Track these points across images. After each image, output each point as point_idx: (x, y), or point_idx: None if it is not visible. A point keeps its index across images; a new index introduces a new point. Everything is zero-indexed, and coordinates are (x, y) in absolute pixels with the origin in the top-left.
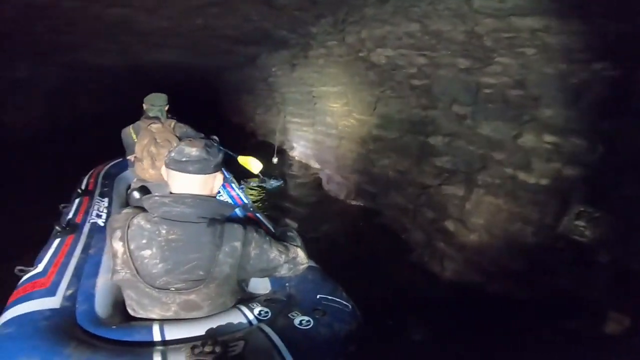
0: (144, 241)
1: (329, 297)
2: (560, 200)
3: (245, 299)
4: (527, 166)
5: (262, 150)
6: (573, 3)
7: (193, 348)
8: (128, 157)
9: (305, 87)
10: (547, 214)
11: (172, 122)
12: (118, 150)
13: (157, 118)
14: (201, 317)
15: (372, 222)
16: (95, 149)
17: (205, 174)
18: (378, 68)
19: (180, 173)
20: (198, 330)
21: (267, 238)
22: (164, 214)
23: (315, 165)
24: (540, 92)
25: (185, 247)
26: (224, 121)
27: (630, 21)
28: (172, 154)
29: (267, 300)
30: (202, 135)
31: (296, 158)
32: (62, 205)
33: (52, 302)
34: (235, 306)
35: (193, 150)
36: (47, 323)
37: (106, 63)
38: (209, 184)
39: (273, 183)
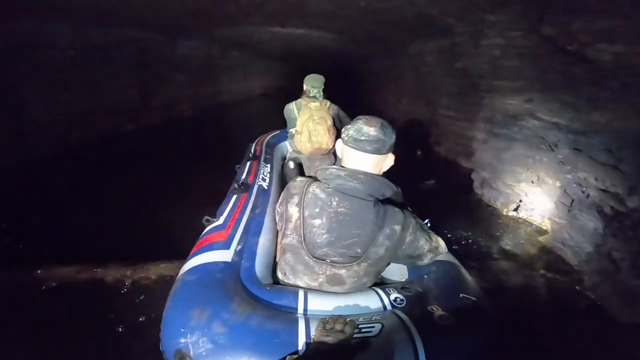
0: (317, 210)
1: (472, 298)
2: None
3: (381, 283)
4: None
5: (404, 140)
6: None
7: (325, 323)
8: (290, 130)
9: (470, 79)
10: None
11: (328, 103)
12: (278, 123)
13: (315, 97)
14: (341, 293)
15: (537, 241)
16: (261, 122)
17: (380, 154)
18: (589, 65)
19: (357, 151)
20: (337, 305)
21: (419, 225)
22: (338, 186)
23: (465, 164)
24: None
25: (351, 221)
26: (364, 108)
27: None
28: (351, 132)
29: (403, 288)
30: (349, 118)
31: (442, 154)
32: (237, 166)
33: (227, 255)
34: (372, 288)
35: (372, 130)
36: (220, 276)
37: (266, 43)
38: (381, 163)
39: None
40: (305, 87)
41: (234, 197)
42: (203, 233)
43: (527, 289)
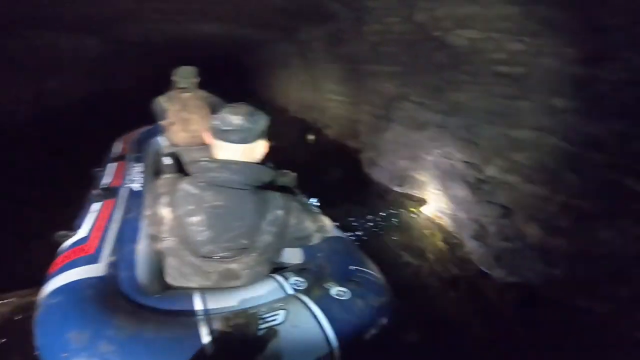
0: (191, 207)
1: (362, 269)
2: None
3: (278, 268)
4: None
5: (296, 126)
6: None
7: (227, 320)
8: (161, 123)
9: (353, 64)
10: None
11: (203, 92)
12: (150, 119)
13: (186, 89)
14: (240, 287)
15: (420, 212)
16: (129, 119)
17: (247, 143)
18: (450, 50)
19: (223, 142)
20: (238, 299)
21: (302, 207)
22: (210, 179)
23: (354, 145)
24: None
25: (230, 214)
26: (253, 96)
27: None
28: (216, 122)
29: (300, 270)
30: None
31: (331, 137)
32: (97, 169)
33: (96, 270)
34: (270, 276)
35: (236, 118)
36: (93, 292)
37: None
38: (253, 151)
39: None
40: (174, 79)
41: (97, 204)
42: (60, 250)
43: (416, 256)
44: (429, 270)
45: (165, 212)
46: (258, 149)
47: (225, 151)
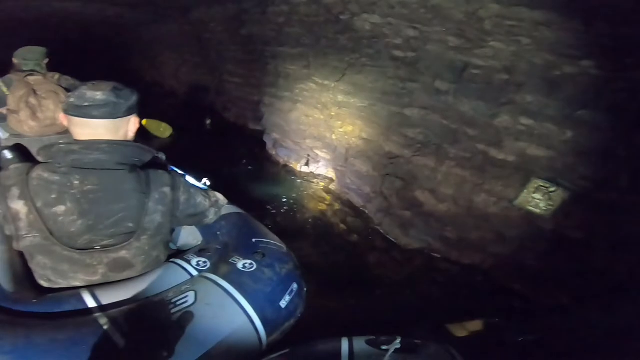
0: (54, 196)
1: (264, 240)
2: (523, 176)
3: (177, 254)
4: (498, 144)
5: (189, 109)
6: (580, 6)
7: (133, 311)
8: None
9: (255, 45)
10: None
11: (57, 75)
12: None
13: (34, 71)
14: (136, 277)
15: (327, 189)
16: None
17: (114, 118)
18: (354, 34)
19: (82, 119)
20: (135, 289)
21: (190, 183)
22: (74, 162)
23: (255, 127)
24: (525, 79)
25: (107, 197)
26: (136, 79)
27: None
28: (71, 99)
29: (201, 251)
30: None
31: (231, 120)
32: None
33: None
34: (170, 261)
35: (98, 94)
36: None
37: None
38: (122, 128)
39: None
40: (15, 61)
41: None
42: None
43: (327, 232)
44: (341, 242)
45: (19, 206)
46: (129, 125)
47: (86, 128)
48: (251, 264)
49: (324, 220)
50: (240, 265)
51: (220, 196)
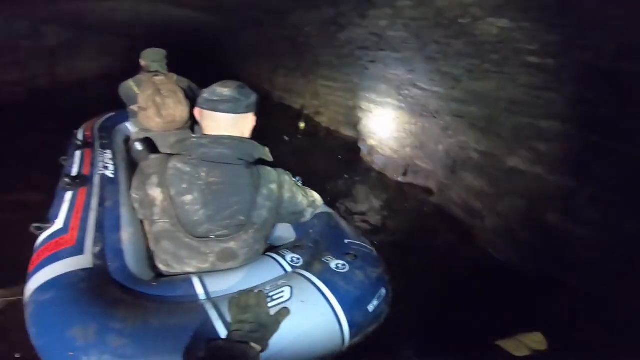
0: (185, 185)
1: (356, 242)
2: None
3: (272, 247)
4: None
5: (282, 112)
6: None
7: (237, 301)
8: (131, 108)
9: (353, 49)
10: None
11: (175, 76)
12: (116, 106)
13: (158, 72)
14: (238, 268)
15: (426, 201)
16: (96, 106)
17: (236, 113)
18: (472, 39)
19: (211, 112)
20: (238, 280)
21: (293, 182)
22: (202, 155)
23: (348, 133)
24: None
25: (227, 190)
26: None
27: None
28: (205, 94)
29: (295, 247)
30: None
31: (323, 124)
32: (63, 158)
33: (83, 261)
34: (266, 254)
35: (225, 90)
36: (86, 285)
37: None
38: (240, 124)
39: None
40: (143, 62)
41: (69, 193)
42: (38, 243)
43: (422, 244)
44: (438, 258)
45: (157, 193)
46: (247, 122)
47: (212, 121)
48: (344, 264)
49: (419, 232)
50: (333, 265)
51: (317, 196)
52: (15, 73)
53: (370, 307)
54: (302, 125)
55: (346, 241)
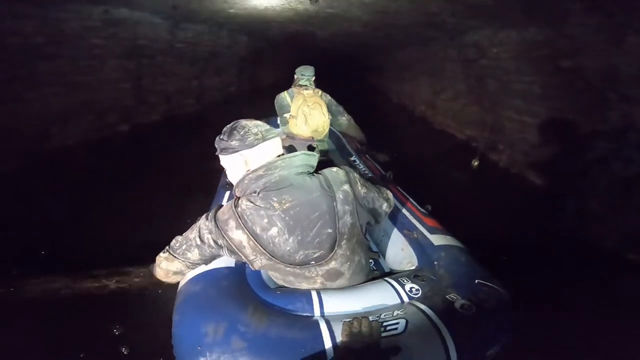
0: (265, 221)
1: (488, 283)
2: None
3: (390, 273)
4: None
5: (443, 140)
6: None
7: (350, 326)
8: (284, 115)
9: (581, 81)
10: None
11: (320, 91)
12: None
13: (307, 86)
14: (355, 288)
15: None
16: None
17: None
18: None
19: (251, 149)
20: (353, 302)
21: (361, 176)
22: (265, 185)
23: (535, 180)
24: None
25: (304, 209)
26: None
27: None
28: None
29: (416, 277)
30: (341, 107)
31: (501, 165)
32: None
33: (228, 260)
34: (384, 280)
35: (248, 124)
36: (227, 283)
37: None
38: (276, 146)
39: None
40: (296, 76)
41: (227, 193)
42: None
43: None
44: None
45: (240, 236)
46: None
47: (258, 153)
48: (470, 306)
49: None
50: (457, 305)
51: (389, 192)
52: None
53: (487, 354)
54: (475, 162)
55: (476, 281)
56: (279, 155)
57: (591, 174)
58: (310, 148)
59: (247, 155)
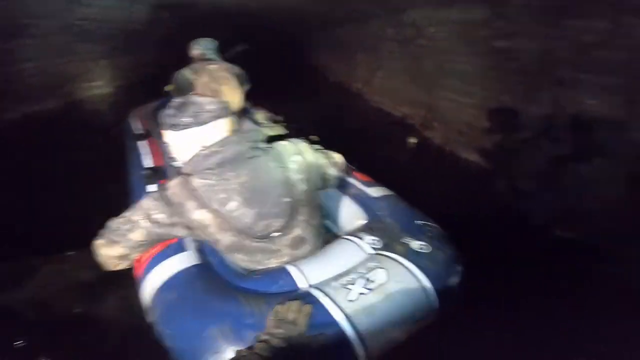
0: (223, 196)
1: (427, 223)
2: None
3: (348, 232)
4: None
5: (380, 118)
6: None
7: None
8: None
9: (512, 63)
10: None
11: (226, 63)
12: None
13: (212, 60)
14: (327, 254)
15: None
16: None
17: (224, 117)
18: None
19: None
20: (332, 266)
21: (309, 146)
22: (221, 161)
23: (469, 157)
24: None
25: (260, 182)
26: (321, 78)
27: None
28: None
29: (370, 230)
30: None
31: (437, 142)
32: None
33: (191, 258)
34: (345, 238)
35: (202, 100)
36: (205, 282)
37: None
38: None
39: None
40: (196, 52)
41: (152, 187)
42: None
43: None
44: None
45: (203, 215)
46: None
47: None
48: (425, 245)
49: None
50: (415, 247)
51: (336, 155)
52: None
53: (453, 284)
54: (412, 140)
55: (416, 222)
56: (233, 130)
57: (522, 154)
58: None
59: (199, 132)
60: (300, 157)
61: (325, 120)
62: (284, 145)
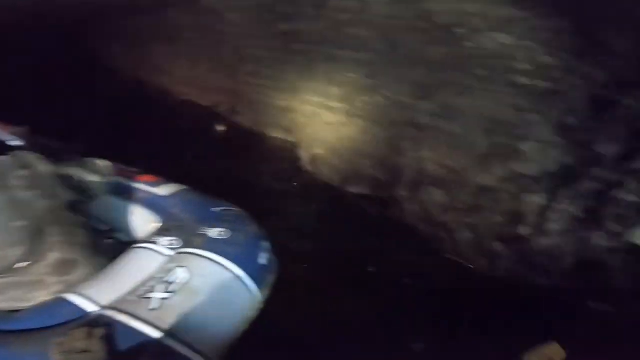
0: None
1: (224, 208)
2: None
3: (133, 242)
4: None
5: (187, 110)
6: None
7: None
8: None
9: (300, 44)
10: None
11: None
12: None
13: None
14: (116, 269)
15: (385, 214)
16: None
17: None
18: (458, 50)
19: None
20: (124, 282)
21: (51, 163)
22: None
23: (277, 135)
24: None
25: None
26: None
27: None
28: None
29: (165, 231)
30: None
31: (246, 125)
32: None
33: None
34: (139, 247)
35: None
36: None
37: None
38: None
39: None
40: None
41: None
42: None
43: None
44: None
45: None
46: None
47: None
48: (225, 231)
49: (383, 246)
50: (214, 235)
51: (98, 161)
52: None
53: (262, 260)
54: (221, 127)
55: (212, 209)
56: None
57: (321, 131)
58: None
59: None
60: (27, 171)
61: (121, 124)
62: (4, 161)
